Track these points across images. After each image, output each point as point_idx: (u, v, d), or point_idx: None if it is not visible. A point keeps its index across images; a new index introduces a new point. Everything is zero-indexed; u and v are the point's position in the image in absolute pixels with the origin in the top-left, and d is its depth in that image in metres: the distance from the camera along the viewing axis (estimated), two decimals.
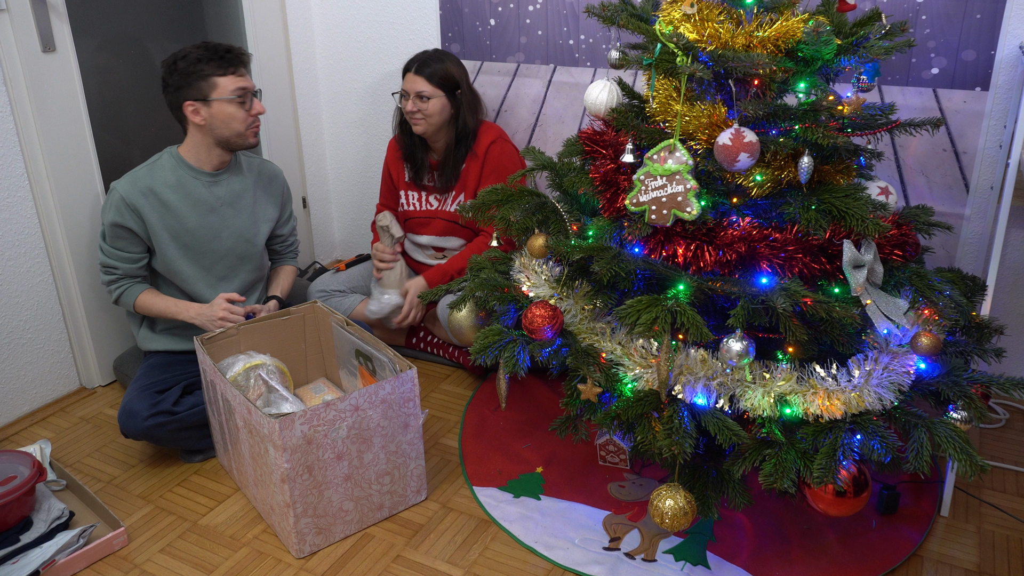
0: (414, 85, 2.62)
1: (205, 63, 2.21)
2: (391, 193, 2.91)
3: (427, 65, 2.63)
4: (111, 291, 2.35)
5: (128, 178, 2.28)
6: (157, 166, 2.31)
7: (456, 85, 2.66)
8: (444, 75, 2.63)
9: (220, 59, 2.22)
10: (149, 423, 2.14)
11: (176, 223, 2.30)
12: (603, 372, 1.83)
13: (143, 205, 2.25)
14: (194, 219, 2.32)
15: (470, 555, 1.95)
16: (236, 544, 2.00)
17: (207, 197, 2.34)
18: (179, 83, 2.22)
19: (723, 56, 1.67)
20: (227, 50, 2.24)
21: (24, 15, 2.27)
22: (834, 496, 1.69)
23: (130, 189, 2.25)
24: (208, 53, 2.22)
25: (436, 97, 2.62)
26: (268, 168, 2.52)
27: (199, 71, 2.21)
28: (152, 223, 2.27)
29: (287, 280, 2.62)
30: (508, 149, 2.72)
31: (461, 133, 2.69)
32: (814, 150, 1.71)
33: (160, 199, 2.27)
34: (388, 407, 1.95)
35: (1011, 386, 1.75)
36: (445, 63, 2.65)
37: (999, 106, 2.27)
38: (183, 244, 2.32)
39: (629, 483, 2.17)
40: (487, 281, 2.07)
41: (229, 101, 2.24)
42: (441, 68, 2.63)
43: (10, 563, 1.85)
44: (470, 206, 2.10)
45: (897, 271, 1.79)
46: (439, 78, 2.62)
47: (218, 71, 2.22)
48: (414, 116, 2.65)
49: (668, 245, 1.78)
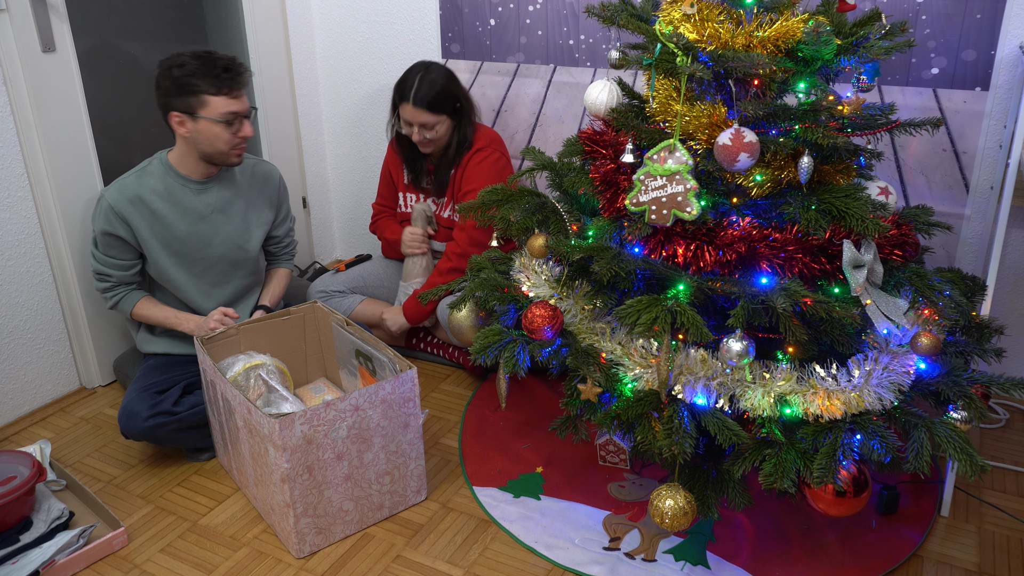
0: (417, 117, 2.54)
1: (200, 78, 2.12)
2: (390, 193, 2.90)
3: (421, 90, 2.52)
4: (107, 298, 2.34)
5: (116, 185, 2.24)
6: (147, 173, 2.27)
7: (455, 99, 2.60)
8: (441, 96, 2.55)
9: (215, 77, 2.13)
10: (149, 424, 2.14)
11: (165, 231, 2.27)
12: (603, 372, 1.83)
13: (131, 214, 2.22)
14: (184, 227, 2.29)
15: (470, 555, 1.95)
16: (236, 544, 2.00)
17: (197, 205, 2.30)
18: (170, 90, 2.15)
19: (723, 56, 1.67)
20: (225, 68, 2.14)
21: (24, 15, 2.26)
22: (834, 496, 1.69)
23: (118, 197, 2.21)
24: (205, 68, 2.12)
25: (440, 122, 2.57)
26: (263, 169, 2.46)
27: (192, 85, 2.13)
28: (141, 231, 2.24)
29: (279, 286, 2.57)
30: (488, 160, 2.63)
31: (459, 141, 2.65)
32: (814, 150, 1.71)
33: (149, 207, 2.24)
34: (388, 407, 1.95)
35: (1011, 386, 1.75)
36: (439, 82, 2.55)
37: (999, 106, 2.27)
38: (174, 252, 2.30)
39: (629, 483, 2.17)
40: (487, 281, 2.07)
41: (216, 122, 2.17)
42: (436, 89, 2.53)
43: (10, 563, 1.85)
44: (469, 206, 2.09)
45: (897, 271, 1.79)
46: (438, 101, 2.54)
47: (211, 89, 2.13)
48: (422, 143, 2.61)
49: (668, 245, 1.78)
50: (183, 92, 2.14)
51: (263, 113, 3.08)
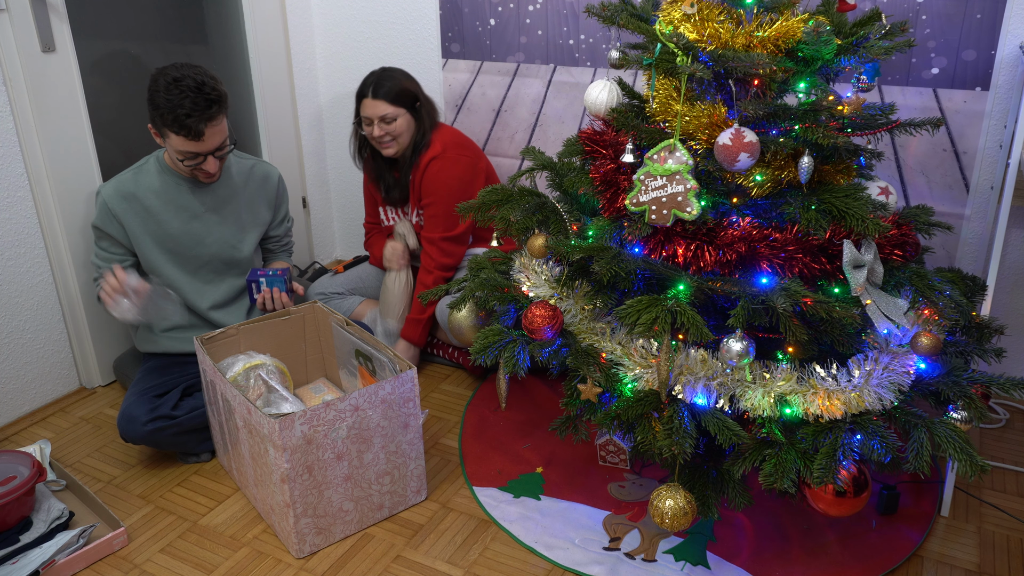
0: (376, 110, 2.57)
1: (164, 112, 2.09)
2: (374, 210, 2.92)
3: (382, 86, 2.57)
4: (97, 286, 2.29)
5: (114, 182, 2.27)
6: (143, 171, 2.29)
7: (415, 98, 2.62)
8: (401, 91, 2.58)
9: (175, 121, 2.09)
10: (148, 428, 2.14)
11: (158, 228, 2.28)
12: (603, 372, 1.83)
13: (124, 210, 2.24)
14: (176, 224, 2.30)
15: (470, 555, 1.95)
16: (236, 544, 2.00)
17: (191, 203, 2.31)
18: (149, 103, 2.14)
19: (723, 56, 1.67)
20: (187, 115, 2.07)
21: (24, 15, 2.26)
22: (834, 496, 1.69)
23: (113, 194, 2.24)
24: (169, 106, 2.07)
25: (400, 116, 2.58)
26: (262, 169, 2.47)
27: (158, 115, 2.11)
28: (133, 229, 2.26)
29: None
30: (446, 168, 2.61)
31: (416, 143, 2.65)
32: (814, 150, 1.71)
33: (143, 204, 2.26)
34: (388, 407, 1.95)
35: (1011, 386, 1.75)
36: (398, 79, 2.60)
37: (999, 106, 2.27)
38: (166, 249, 2.31)
39: (629, 483, 2.17)
40: (487, 281, 2.07)
41: (180, 157, 2.18)
42: (396, 85, 2.58)
43: (10, 563, 1.85)
44: (469, 206, 2.09)
45: (897, 271, 1.79)
46: (398, 96, 2.57)
47: (172, 129, 2.11)
48: (383, 141, 2.61)
49: (668, 245, 1.78)
50: (153, 113, 2.14)
51: (263, 113, 3.08)
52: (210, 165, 2.21)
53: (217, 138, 2.17)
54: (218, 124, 2.15)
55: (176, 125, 2.10)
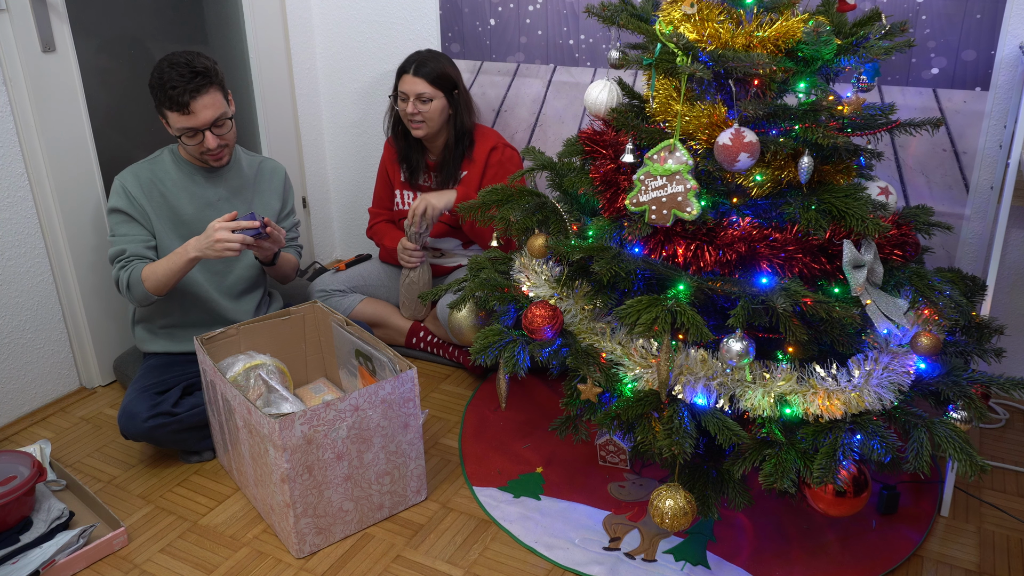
0: (414, 87, 2.61)
1: (157, 92, 2.17)
2: (387, 192, 2.90)
3: (424, 65, 2.61)
4: (120, 278, 2.24)
5: (130, 169, 2.32)
6: (157, 161, 2.35)
7: (454, 85, 2.66)
8: (442, 75, 2.63)
9: (165, 96, 2.15)
10: (149, 424, 2.14)
11: (173, 214, 2.32)
12: (603, 372, 1.83)
13: (143, 194, 2.28)
14: (191, 211, 2.33)
15: (470, 555, 1.95)
16: (236, 544, 2.00)
17: (206, 192, 2.36)
18: (152, 94, 2.20)
19: (723, 56, 1.67)
20: (173, 87, 2.13)
21: (24, 15, 2.27)
22: (834, 496, 1.69)
23: (132, 179, 2.29)
24: (159, 84, 2.15)
25: (437, 98, 2.62)
26: (269, 165, 2.52)
27: (154, 97, 2.19)
28: (151, 213, 2.30)
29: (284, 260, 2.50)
30: (509, 154, 2.72)
31: (459, 133, 2.69)
32: (814, 150, 1.71)
33: (159, 190, 2.31)
34: (388, 407, 1.95)
35: (1011, 386, 1.75)
36: (442, 63, 2.64)
37: (999, 106, 2.27)
38: (180, 236, 2.32)
39: (629, 483, 2.17)
40: (487, 281, 2.07)
41: (179, 133, 2.22)
42: (439, 67, 2.63)
43: (10, 563, 1.85)
44: (469, 206, 2.09)
45: (897, 271, 1.79)
46: (438, 78, 2.62)
47: (165, 106, 2.17)
48: (414, 119, 2.64)
49: (668, 245, 1.78)
50: (153, 99, 2.21)
51: (263, 113, 3.08)
52: (209, 141, 2.23)
53: (209, 112, 2.19)
54: (207, 96, 2.18)
55: (168, 101, 2.16)
